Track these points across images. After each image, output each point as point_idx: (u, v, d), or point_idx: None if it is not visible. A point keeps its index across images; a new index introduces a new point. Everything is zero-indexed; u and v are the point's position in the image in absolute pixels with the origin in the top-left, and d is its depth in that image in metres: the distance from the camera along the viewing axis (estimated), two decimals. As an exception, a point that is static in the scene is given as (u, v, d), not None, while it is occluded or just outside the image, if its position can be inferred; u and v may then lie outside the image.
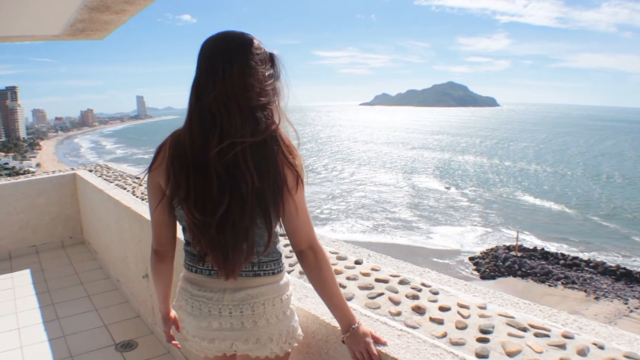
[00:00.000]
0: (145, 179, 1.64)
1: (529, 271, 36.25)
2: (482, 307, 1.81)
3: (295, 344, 1.75)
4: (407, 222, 51.50)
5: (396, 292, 2.00)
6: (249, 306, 1.62)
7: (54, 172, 6.65)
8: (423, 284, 2.05)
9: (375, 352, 1.61)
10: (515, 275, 36.02)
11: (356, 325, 1.64)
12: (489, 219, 52.51)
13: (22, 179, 6.39)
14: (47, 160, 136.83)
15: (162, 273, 1.76)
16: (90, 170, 6.41)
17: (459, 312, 1.78)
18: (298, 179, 1.52)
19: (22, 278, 5.38)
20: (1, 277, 5.46)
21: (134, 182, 5.19)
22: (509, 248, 40.84)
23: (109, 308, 4.58)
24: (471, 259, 40.02)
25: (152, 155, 1.60)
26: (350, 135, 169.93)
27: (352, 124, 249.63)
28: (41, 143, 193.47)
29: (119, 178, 5.61)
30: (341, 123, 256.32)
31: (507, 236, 45.45)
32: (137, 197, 4.41)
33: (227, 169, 1.45)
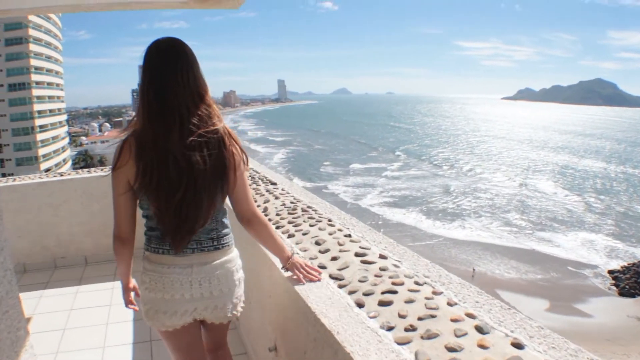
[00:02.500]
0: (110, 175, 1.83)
1: (674, 293, 33.19)
2: None
3: (243, 305, 2.08)
4: (530, 226, 48.55)
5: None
6: (215, 277, 1.92)
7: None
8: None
9: (312, 266, 2.10)
10: None
11: (292, 256, 2.10)
12: (618, 231, 47.69)
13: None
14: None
15: (125, 255, 1.93)
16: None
17: None
18: (242, 164, 1.89)
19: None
20: (101, 286, 4.60)
21: (268, 187, 3.89)
22: None
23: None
24: (610, 272, 36.94)
25: (116, 155, 1.78)
26: (487, 131, 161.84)
27: (487, 118, 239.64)
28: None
29: (256, 181, 4.19)
30: (475, 117, 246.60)
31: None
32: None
33: (188, 161, 1.74)
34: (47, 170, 66.30)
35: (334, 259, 2.24)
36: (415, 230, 45.86)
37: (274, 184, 3.83)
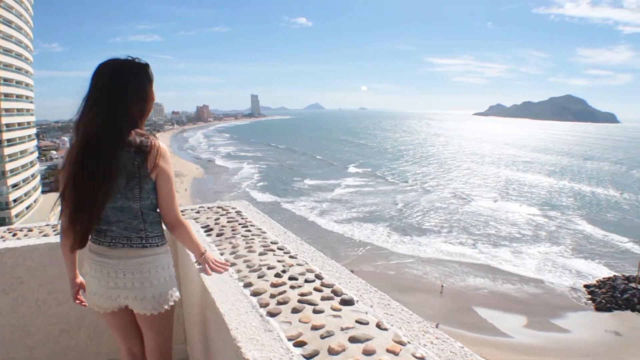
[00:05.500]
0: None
1: (649, 306, 33.55)
2: None
3: (171, 304, 2.23)
4: (493, 242, 48.54)
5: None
6: (138, 271, 2.11)
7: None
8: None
9: (223, 260, 2.46)
10: (633, 310, 33.67)
11: (205, 252, 2.40)
12: (575, 247, 47.87)
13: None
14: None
15: (67, 247, 2.15)
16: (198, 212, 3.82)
17: None
18: (165, 175, 2.09)
19: None
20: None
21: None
22: (628, 279, 37.68)
23: None
24: (586, 286, 37.30)
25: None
26: (445, 146, 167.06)
27: (450, 133, 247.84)
28: (157, 135, 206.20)
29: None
30: (440, 132, 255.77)
31: (612, 266, 41.70)
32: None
33: (104, 173, 1.97)
34: (15, 186, 63.97)
35: None
36: (374, 248, 45.33)
37: (346, 300, 2.05)
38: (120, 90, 2.04)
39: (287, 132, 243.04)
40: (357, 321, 1.83)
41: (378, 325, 1.80)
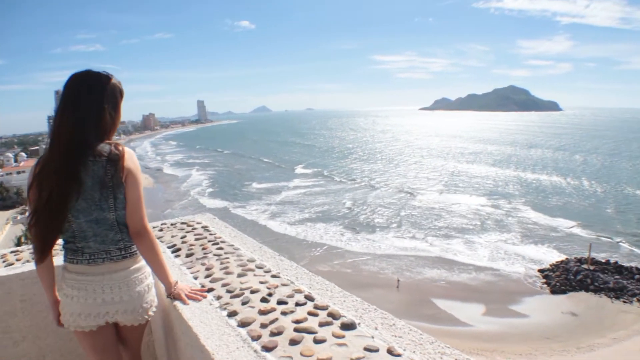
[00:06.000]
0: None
1: (602, 286, 34.34)
2: None
3: (155, 310, 2.22)
4: (444, 234, 48.89)
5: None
6: (125, 284, 2.07)
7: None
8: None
9: (198, 286, 2.30)
10: (587, 290, 34.21)
11: (176, 283, 2.24)
12: (536, 233, 48.56)
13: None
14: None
15: (46, 267, 2.10)
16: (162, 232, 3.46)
17: None
18: (133, 180, 2.03)
19: None
20: None
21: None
22: (580, 261, 38.54)
23: None
24: (540, 271, 37.99)
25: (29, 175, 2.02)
26: (390, 142, 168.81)
27: (394, 129, 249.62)
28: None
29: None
30: (384, 129, 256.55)
31: (562, 250, 42.59)
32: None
33: (73, 182, 1.93)
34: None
35: None
36: (329, 248, 44.97)
37: (347, 324, 1.94)
38: (94, 101, 2.01)
39: (234, 136, 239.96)
40: (365, 348, 1.64)
41: (390, 351, 1.62)
